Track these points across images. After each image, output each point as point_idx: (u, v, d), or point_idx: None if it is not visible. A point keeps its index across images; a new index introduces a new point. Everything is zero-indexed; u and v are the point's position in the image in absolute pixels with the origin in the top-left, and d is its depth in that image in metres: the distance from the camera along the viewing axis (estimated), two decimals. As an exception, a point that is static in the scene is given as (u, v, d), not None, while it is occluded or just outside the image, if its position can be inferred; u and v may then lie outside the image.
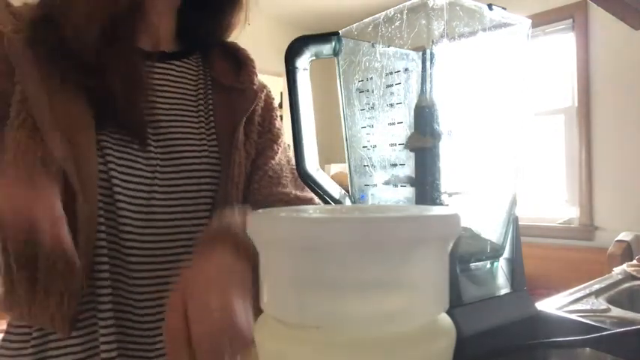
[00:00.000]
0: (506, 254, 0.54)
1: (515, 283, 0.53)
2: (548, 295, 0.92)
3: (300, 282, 0.29)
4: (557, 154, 3.26)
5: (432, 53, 0.48)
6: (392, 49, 0.54)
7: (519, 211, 0.54)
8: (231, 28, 0.76)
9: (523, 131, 0.57)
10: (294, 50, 0.59)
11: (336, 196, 0.62)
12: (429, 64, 0.48)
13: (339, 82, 0.61)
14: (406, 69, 0.53)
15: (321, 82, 1.52)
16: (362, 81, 0.58)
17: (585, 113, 3.08)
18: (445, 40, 0.48)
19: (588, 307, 0.86)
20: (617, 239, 2.56)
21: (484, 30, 0.51)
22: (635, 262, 1.20)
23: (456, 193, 0.50)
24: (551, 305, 0.86)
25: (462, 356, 0.34)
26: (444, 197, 0.49)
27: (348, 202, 0.61)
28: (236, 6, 0.74)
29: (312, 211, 0.42)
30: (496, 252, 0.53)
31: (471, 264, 0.50)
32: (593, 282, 1.06)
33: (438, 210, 0.34)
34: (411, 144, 0.51)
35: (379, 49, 0.55)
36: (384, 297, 0.28)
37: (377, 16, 0.54)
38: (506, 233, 0.53)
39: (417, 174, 0.50)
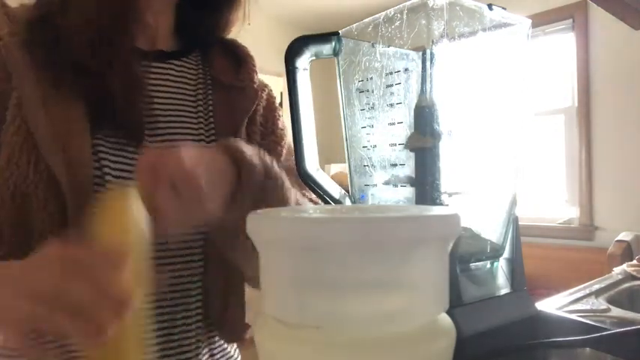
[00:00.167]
0: (506, 254, 0.54)
1: (515, 283, 0.53)
2: (548, 295, 0.92)
3: (300, 282, 0.29)
4: (557, 154, 3.26)
5: (432, 53, 0.48)
6: (392, 49, 0.54)
7: (519, 211, 0.54)
8: (230, 25, 0.76)
9: (523, 131, 0.57)
10: (294, 50, 0.59)
11: (336, 196, 0.62)
12: (429, 64, 0.48)
13: (339, 82, 0.61)
14: (406, 69, 0.53)
15: (321, 82, 1.51)
16: (362, 81, 0.58)
17: (585, 113, 3.08)
18: (445, 40, 0.48)
19: (588, 307, 0.86)
20: (617, 239, 2.55)
21: (484, 30, 0.51)
22: (635, 262, 1.20)
23: (456, 193, 0.50)
24: (551, 305, 0.86)
25: (462, 356, 0.34)
26: (444, 197, 0.49)
27: (348, 202, 0.61)
28: (234, 3, 0.74)
29: (312, 211, 0.42)
30: (496, 252, 0.53)
31: (471, 264, 0.50)
32: (593, 282, 1.06)
33: (438, 210, 0.34)
34: (411, 144, 0.51)
35: (379, 49, 0.55)
36: (384, 297, 0.28)
37: (377, 16, 0.54)
38: (506, 233, 0.53)
39: (417, 174, 0.50)
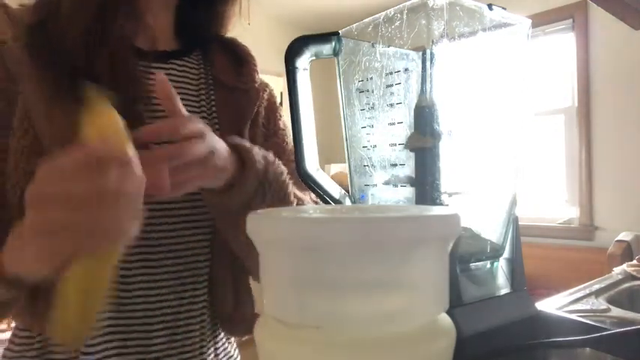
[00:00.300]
0: (506, 254, 0.54)
1: (515, 283, 0.53)
2: (548, 295, 0.92)
3: (300, 282, 0.29)
4: (557, 154, 3.26)
5: (432, 53, 0.48)
6: (392, 49, 0.54)
7: (519, 211, 0.54)
8: (227, 20, 0.75)
9: (523, 131, 0.57)
10: (294, 50, 0.59)
11: (336, 196, 0.62)
12: (429, 64, 0.48)
13: (339, 82, 0.61)
14: (406, 69, 0.53)
15: (321, 82, 1.51)
16: (362, 81, 0.58)
17: (585, 113, 3.08)
18: (445, 40, 0.48)
19: (588, 307, 0.86)
20: (617, 239, 2.55)
21: (484, 30, 0.51)
22: (635, 262, 1.20)
23: (456, 193, 0.50)
24: (551, 305, 0.86)
25: (462, 356, 0.34)
26: (444, 197, 0.49)
27: (348, 202, 0.61)
28: None
29: (312, 211, 0.42)
30: (496, 252, 0.53)
31: (471, 264, 0.50)
32: (593, 282, 1.06)
33: (438, 210, 0.34)
34: (411, 144, 0.51)
35: (379, 49, 0.55)
36: (384, 297, 0.28)
37: (377, 16, 0.54)
38: (506, 233, 0.53)
39: (417, 174, 0.50)
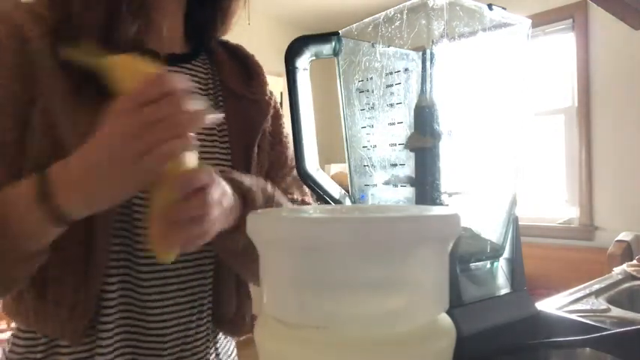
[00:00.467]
0: (506, 254, 0.54)
1: (515, 283, 0.53)
2: (548, 295, 0.92)
3: (300, 282, 0.29)
4: (557, 154, 3.25)
5: (432, 53, 0.48)
6: (392, 49, 0.54)
7: (519, 211, 0.54)
8: (231, 16, 0.75)
9: (523, 131, 0.57)
10: (294, 50, 0.59)
11: (336, 196, 0.62)
12: (429, 64, 0.48)
13: (339, 82, 0.61)
14: (406, 69, 0.53)
15: (321, 82, 1.51)
16: (362, 81, 0.58)
17: (585, 113, 3.08)
18: (445, 40, 0.48)
19: (588, 307, 0.86)
20: (617, 239, 2.55)
21: (484, 30, 0.51)
22: (635, 262, 1.20)
23: (456, 193, 0.50)
24: (551, 305, 0.86)
25: (461, 356, 0.34)
26: (444, 197, 0.49)
27: (348, 202, 0.61)
28: None
29: (312, 211, 0.42)
30: (496, 252, 0.53)
31: (471, 264, 0.50)
32: (593, 282, 1.06)
33: (438, 210, 0.34)
34: (411, 144, 0.51)
35: (379, 49, 0.55)
36: (385, 297, 0.28)
37: (377, 16, 0.54)
38: (506, 233, 0.53)
39: (417, 174, 0.50)
